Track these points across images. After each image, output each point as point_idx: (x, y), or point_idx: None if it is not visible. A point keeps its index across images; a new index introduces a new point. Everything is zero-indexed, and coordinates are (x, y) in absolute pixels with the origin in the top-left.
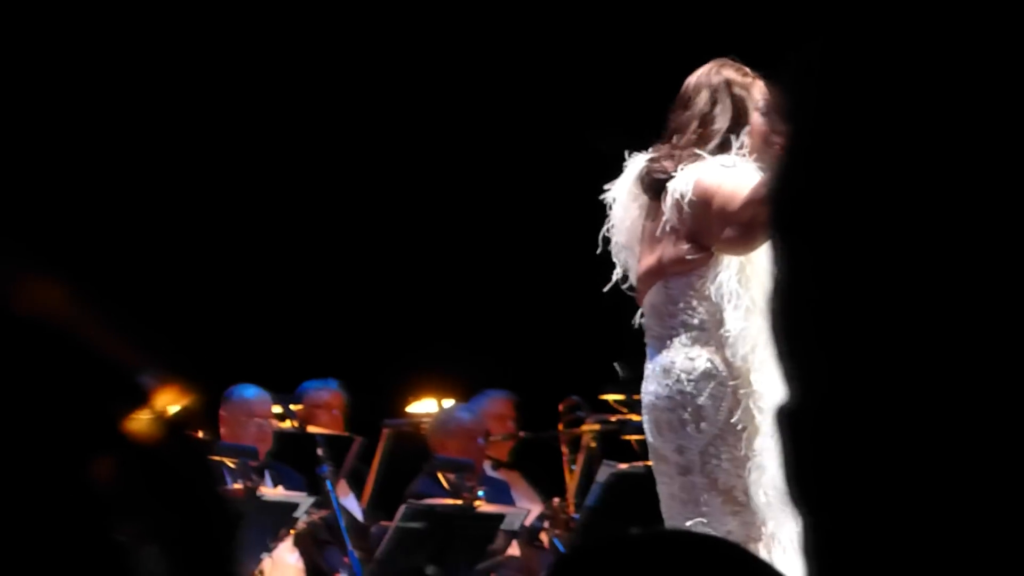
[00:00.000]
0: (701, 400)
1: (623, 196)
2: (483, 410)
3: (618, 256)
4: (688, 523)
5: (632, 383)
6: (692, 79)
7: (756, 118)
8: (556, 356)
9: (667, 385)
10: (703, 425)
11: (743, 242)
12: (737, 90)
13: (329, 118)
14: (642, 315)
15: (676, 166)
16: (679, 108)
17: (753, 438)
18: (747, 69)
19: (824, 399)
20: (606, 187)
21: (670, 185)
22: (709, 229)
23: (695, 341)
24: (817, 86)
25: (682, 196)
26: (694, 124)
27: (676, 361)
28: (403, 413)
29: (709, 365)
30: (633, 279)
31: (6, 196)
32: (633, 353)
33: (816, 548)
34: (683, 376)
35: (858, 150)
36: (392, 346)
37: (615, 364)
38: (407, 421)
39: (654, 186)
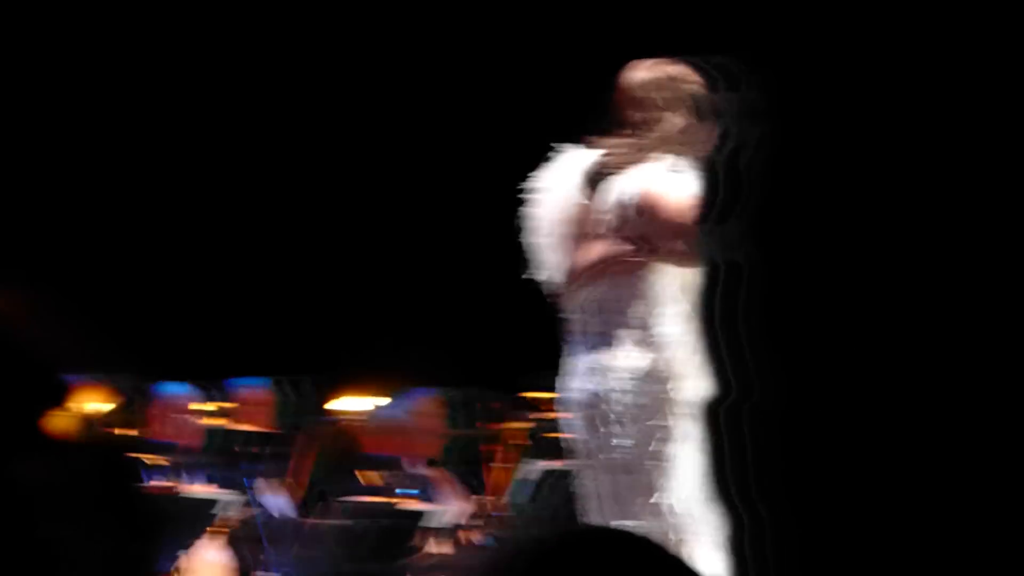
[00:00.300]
0: (639, 400)
1: (557, 188)
2: (412, 408)
3: (539, 248)
4: (616, 522)
5: (556, 380)
6: (646, 75)
7: (710, 121)
8: (484, 355)
9: (604, 383)
10: (638, 425)
11: (688, 257)
12: (694, 89)
13: (256, 113)
14: (572, 310)
15: (629, 164)
16: (635, 104)
17: (679, 443)
18: (694, 68)
19: (768, 398)
20: (532, 176)
21: (616, 184)
22: (653, 238)
23: (635, 341)
24: (784, 94)
25: (629, 199)
26: (657, 123)
27: (615, 359)
28: (331, 411)
29: (649, 366)
30: (555, 273)
31: None
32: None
33: (750, 544)
34: (622, 375)
35: (818, 159)
36: (322, 344)
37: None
38: (335, 419)
39: (601, 183)
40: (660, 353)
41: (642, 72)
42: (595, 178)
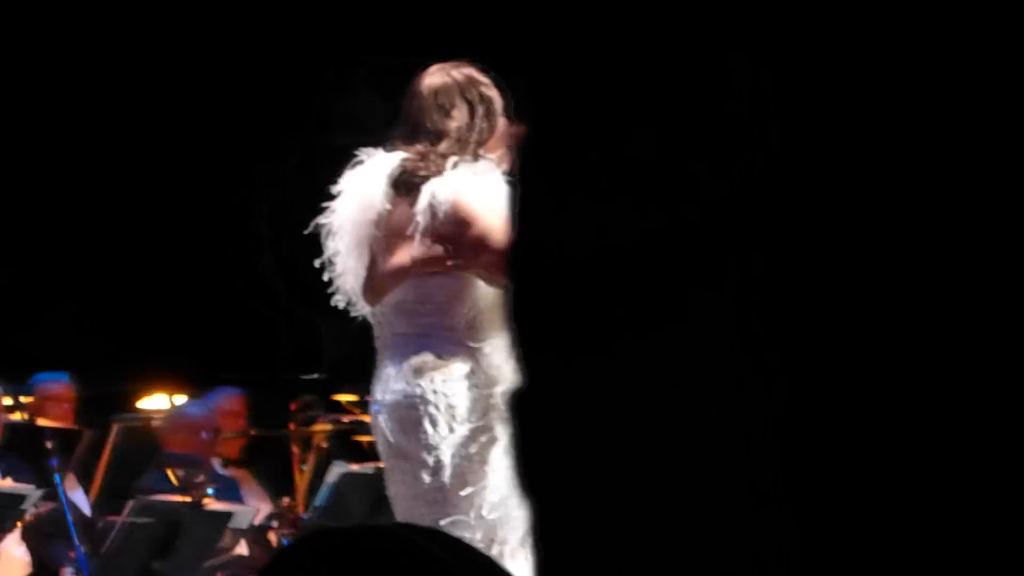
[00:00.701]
0: (455, 401)
1: (359, 192)
2: (215, 406)
3: (341, 253)
4: (435, 522)
5: (362, 383)
6: (436, 80)
7: (504, 121)
8: (290, 355)
9: (419, 384)
10: (455, 426)
11: (497, 269)
12: (486, 91)
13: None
14: (383, 313)
15: (435, 170)
16: (432, 111)
17: (492, 447)
18: (481, 71)
19: (545, 391)
20: (337, 180)
21: (426, 188)
22: (464, 249)
23: (450, 343)
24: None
25: (439, 204)
26: (453, 129)
27: (429, 361)
28: (133, 408)
29: (465, 368)
30: (354, 277)
31: None
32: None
33: (539, 535)
34: (437, 376)
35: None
36: (125, 340)
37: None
38: (137, 416)
39: (409, 187)
40: (477, 356)
41: (436, 76)
42: (402, 182)
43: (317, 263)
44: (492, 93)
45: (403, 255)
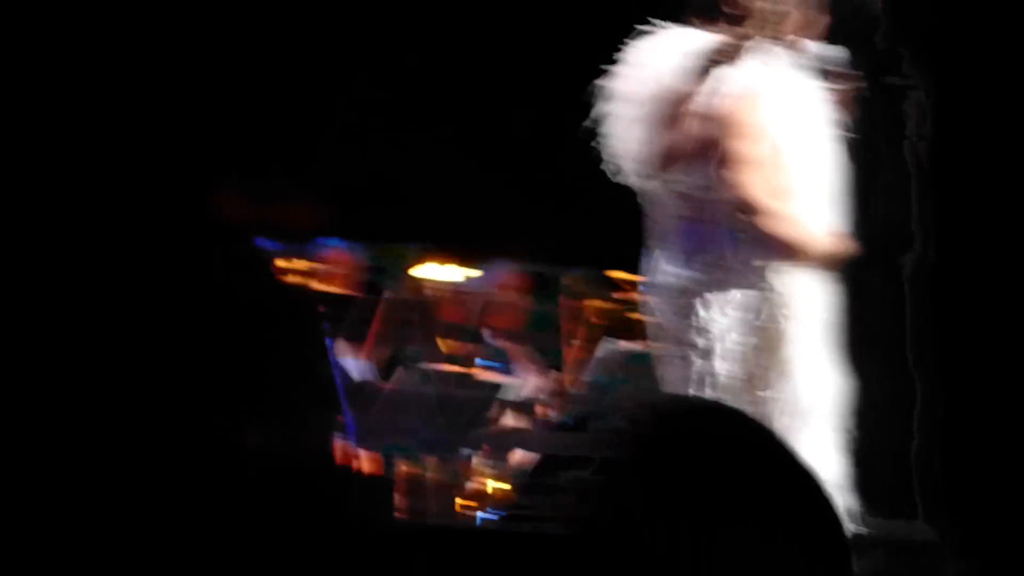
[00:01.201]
0: (727, 288)
1: (652, 66)
2: (495, 280)
3: (625, 126)
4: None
5: (637, 263)
6: None
7: (809, 8)
8: (571, 232)
9: (692, 268)
10: (728, 311)
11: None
12: None
13: None
14: (661, 193)
15: (730, 54)
16: None
17: (781, 344)
18: None
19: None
20: (622, 51)
21: (716, 73)
22: (729, 150)
23: (730, 227)
24: None
25: (721, 95)
26: (755, 10)
27: (704, 245)
28: (415, 278)
29: (747, 256)
30: (640, 153)
31: None
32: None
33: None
34: (711, 261)
35: None
36: (411, 211)
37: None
38: (411, 284)
39: (702, 67)
40: (760, 242)
41: None
42: (696, 62)
43: (585, 124)
44: None
45: (684, 136)
